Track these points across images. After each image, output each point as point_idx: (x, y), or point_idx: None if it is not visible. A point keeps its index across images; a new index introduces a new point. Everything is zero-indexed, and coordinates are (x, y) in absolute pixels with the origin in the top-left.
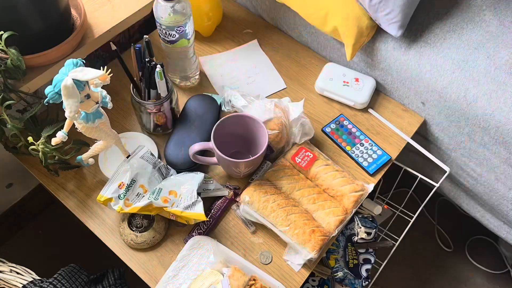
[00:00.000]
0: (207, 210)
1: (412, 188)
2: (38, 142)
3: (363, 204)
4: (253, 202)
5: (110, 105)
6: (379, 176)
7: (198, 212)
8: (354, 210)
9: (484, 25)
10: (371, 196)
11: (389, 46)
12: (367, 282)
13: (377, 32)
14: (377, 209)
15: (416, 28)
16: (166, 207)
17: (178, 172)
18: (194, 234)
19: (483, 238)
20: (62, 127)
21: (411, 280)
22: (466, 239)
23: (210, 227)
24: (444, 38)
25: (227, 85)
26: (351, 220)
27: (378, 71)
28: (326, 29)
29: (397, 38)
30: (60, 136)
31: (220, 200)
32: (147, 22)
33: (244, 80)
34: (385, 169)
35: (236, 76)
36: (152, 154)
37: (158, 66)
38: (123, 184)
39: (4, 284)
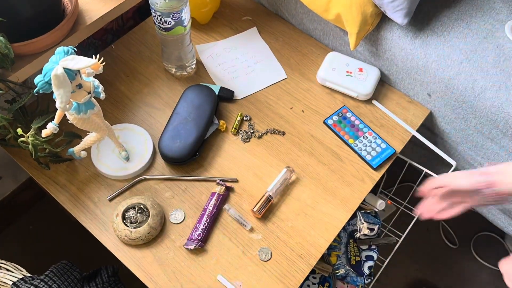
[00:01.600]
0: (202, 211)
1: (417, 183)
2: (27, 134)
3: (366, 199)
4: None
5: (102, 96)
6: (382, 170)
7: None
8: None
9: (494, 13)
10: (374, 191)
11: (394, 35)
12: (369, 280)
13: (382, 20)
14: (381, 204)
15: (422, 16)
16: None
17: (173, 165)
18: (193, 237)
19: (489, 235)
20: (52, 119)
21: (415, 277)
22: (472, 235)
23: (208, 227)
24: (451, 26)
25: (223, 78)
26: (354, 215)
27: (382, 60)
28: (329, 17)
29: (403, 27)
30: (51, 127)
31: (214, 198)
32: (141, 8)
33: (243, 69)
34: (389, 163)
35: (235, 65)
36: None
37: None
38: None
39: None
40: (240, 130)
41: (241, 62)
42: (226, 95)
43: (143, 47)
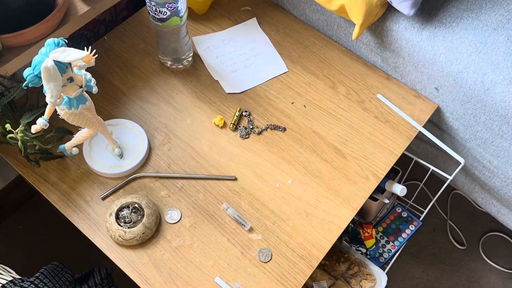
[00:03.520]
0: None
1: (424, 181)
2: (16, 130)
3: (386, 187)
4: None
5: (95, 90)
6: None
7: None
8: None
9: (504, 4)
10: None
11: (400, 26)
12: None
13: (388, 10)
14: (402, 190)
15: (430, 6)
16: None
17: None
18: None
19: (498, 235)
20: (43, 114)
21: (420, 279)
22: (481, 235)
23: None
24: (460, 17)
25: (224, 70)
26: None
27: (389, 52)
28: (332, 7)
29: (410, 18)
30: (41, 123)
31: None
32: None
33: (242, 62)
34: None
35: (233, 58)
36: None
37: None
38: None
39: None
40: (239, 126)
41: (239, 54)
42: None
43: (137, 39)
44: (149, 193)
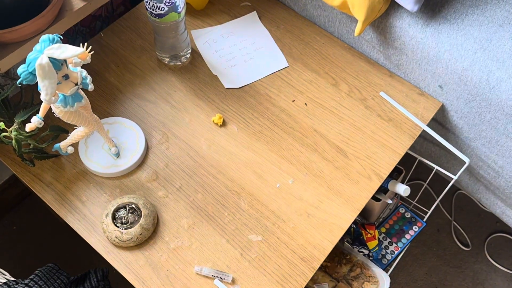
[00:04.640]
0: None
1: (427, 181)
2: (10, 129)
3: (388, 187)
4: None
5: (91, 87)
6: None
7: None
8: None
9: (511, 0)
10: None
11: (404, 23)
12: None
13: (391, 6)
14: (406, 191)
15: (434, 2)
16: None
17: None
18: None
19: (503, 236)
20: (37, 112)
21: (424, 281)
22: (486, 236)
23: None
24: (465, 14)
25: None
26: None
27: (392, 49)
28: (334, 3)
29: (414, 14)
30: (36, 121)
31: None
32: None
33: (241, 57)
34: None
35: (233, 52)
36: None
37: None
38: None
39: None
40: (238, 124)
41: (239, 49)
42: None
43: (134, 35)
44: (147, 193)
